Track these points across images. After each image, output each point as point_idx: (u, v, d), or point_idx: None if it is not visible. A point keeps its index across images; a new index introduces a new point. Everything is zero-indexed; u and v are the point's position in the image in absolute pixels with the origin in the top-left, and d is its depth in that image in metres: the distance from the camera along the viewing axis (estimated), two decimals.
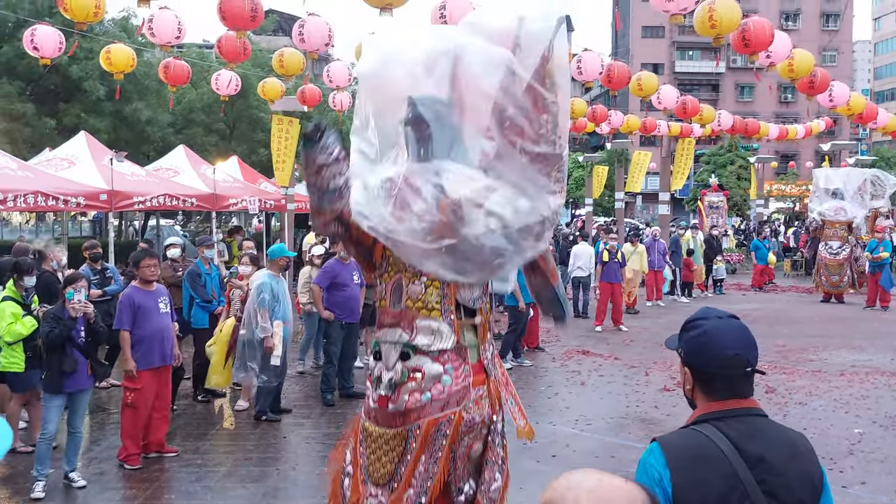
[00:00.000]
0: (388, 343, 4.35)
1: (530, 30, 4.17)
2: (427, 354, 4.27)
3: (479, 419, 4.35)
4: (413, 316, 4.31)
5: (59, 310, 6.45)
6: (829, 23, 63.58)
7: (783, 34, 11.57)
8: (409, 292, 4.34)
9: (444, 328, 4.31)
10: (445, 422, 4.24)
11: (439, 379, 4.26)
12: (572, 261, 15.83)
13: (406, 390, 4.23)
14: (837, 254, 19.32)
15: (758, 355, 2.31)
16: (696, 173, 41.75)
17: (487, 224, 4.01)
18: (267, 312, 8.33)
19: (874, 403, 9.24)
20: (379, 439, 4.30)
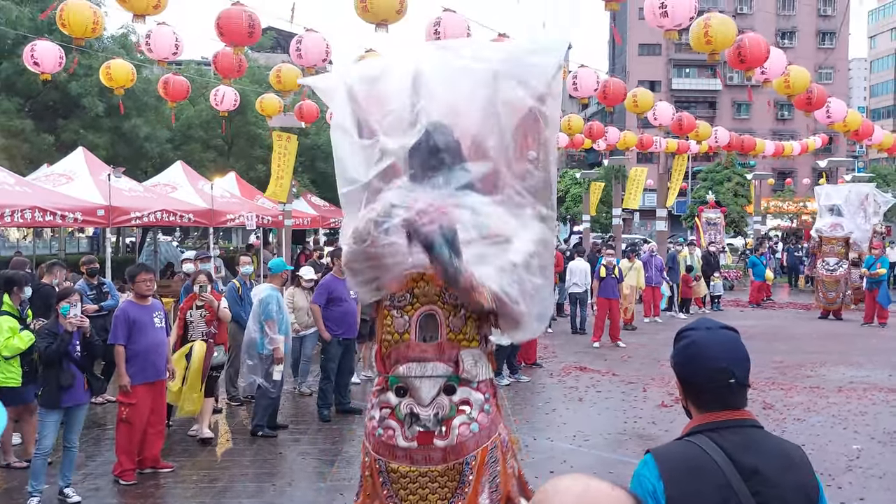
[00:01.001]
0: (420, 378, 4.26)
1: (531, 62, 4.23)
2: (469, 385, 4.28)
3: (507, 438, 4.47)
4: (456, 348, 4.30)
5: (53, 325, 6.43)
6: (824, 40, 63.90)
7: (778, 51, 11.63)
8: (451, 325, 4.31)
9: (483, 358, 4.36)
10: (494, 447, 4.28)
11: (483, 408, 4.28)
12: (568, 277, 15.84)
13: (456, 424, 4.20)
14: (834, 270, 19.31)
15: (748, 368, 2.28)
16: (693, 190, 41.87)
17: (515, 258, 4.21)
18: (275, 324, 8.33)
19: (872, 419, 9.21)
20: (421, 479, 4.20)
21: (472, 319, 4.32)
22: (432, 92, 4.32)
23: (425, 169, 4.26)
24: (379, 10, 8.31)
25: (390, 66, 4.61)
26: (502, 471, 4.31)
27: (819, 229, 19.99)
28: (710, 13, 9.55)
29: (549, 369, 12.30)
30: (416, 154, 4.28)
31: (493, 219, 4.21)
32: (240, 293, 10.04)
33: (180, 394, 7.97)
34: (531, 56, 4.35)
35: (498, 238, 4.20)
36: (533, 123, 4.25)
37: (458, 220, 4.12)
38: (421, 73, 4.34)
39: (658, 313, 18.16)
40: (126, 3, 8.28)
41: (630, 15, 56.87)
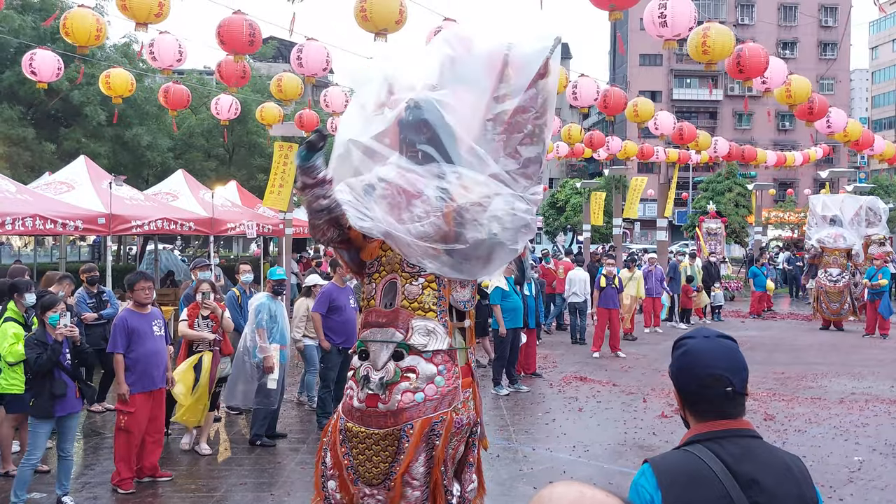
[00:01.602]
0: (377, 342, 4.37)
1: (524, 50, 4.32)
2: (421, 354, 4.31)
3: (466, 421, 4.41)
4: (409, 316, 4.36)
5: (41, 334, 6.39)
6: (826, 51, 64.04)
7: (779, 61, 11.65)
8: (406, 292, 4.39)
9: (439, 329, 4.36)
10: (438, 422, 4.27)
11: (433, 379, 4.29)
12: (567, 286, 15.81)
13: (399, 390, 4.25)
14: (837, 281, 19.26)
15: (746, 377, 2.26)
16: (694, 200, 41.90)
17: (490, 228, 4.16)
18: (265, 332, 8.31)
19: (874, 431, 9.18)
20: (367, 440, 4.31)
21: (429, 288, 4.36)
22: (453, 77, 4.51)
23: (408, 143, 4.36)
24: (378, 19, 8.33)
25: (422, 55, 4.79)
26: (440, 448, 4.28)
27: (821, 240, 19.88)
28: (708, 23, 9.57)
29: (549, 379, 12.27)
30: (403, 129, 4.40)
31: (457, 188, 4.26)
32: (239, 302, 10.04)
33: (189, 409, 7.93)
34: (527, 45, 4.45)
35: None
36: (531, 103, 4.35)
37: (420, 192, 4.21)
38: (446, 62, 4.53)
39: (658, 323, 18.13)
40: (128, 12, 8.31)
41: (631, 25, 57.02)
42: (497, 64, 4.40)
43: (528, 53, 4.35)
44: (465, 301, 4.53)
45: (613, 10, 7.45)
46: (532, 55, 4.34)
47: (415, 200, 4.20)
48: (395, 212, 4.20)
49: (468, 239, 4.16)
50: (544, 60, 4.31)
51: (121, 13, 8.41)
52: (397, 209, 4.20)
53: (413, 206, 4.20)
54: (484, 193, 4.21)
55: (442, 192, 4.20)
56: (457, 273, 4.31)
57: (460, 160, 4.35)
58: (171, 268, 21.54)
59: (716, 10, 60.27)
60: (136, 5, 8.26)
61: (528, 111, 4.35)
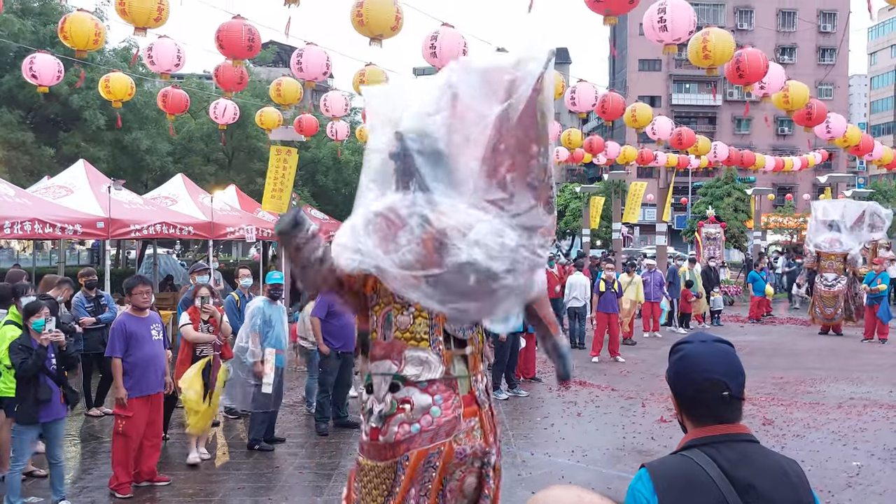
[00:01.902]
0: (378, 375, 4.35)
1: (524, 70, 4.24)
2: (416, 385, 4.25)
3: (471, 451, 4.31)
4: (402, 347, 4.31)
5: (25, 339, 6.35)
6: (824, 57, 64.17)
7: (777, 66, 11.66)
8: (398, 323, 4.34)
9: (432, 358, 4.30)
10: (435, 453, 4.21)
11: (428, 410, 4.23)
12: (567, 291, 15.80)
13: (395, 422, 4.20)
14: (832, 286, 19.23)
15: (742, 381, 2.26)
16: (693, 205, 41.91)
17: (470, 254, 3.96)
18: (258, 337, 8.30)
19: (872, 436, 9.17)
20: (370, 472, 4.28)
21: (421, 318, 4.32)
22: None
23: (401, 174, 4.31)
24: (374, 24, 8.34)
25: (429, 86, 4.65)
26: (434, 486, 4.22)
27: (818, 245, 19.86)
28: (708, 28, 9.59)
29: (548, 384, 12.26)
30: (396, 161, 4.35)
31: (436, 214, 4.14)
32: (238, 306, 10.04)
33: (203, 416, 7.88)
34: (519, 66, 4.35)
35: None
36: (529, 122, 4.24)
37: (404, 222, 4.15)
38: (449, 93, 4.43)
39: (657, 328, 18.13)
40: (127, 16, 8.32)
41: (630, 30, 57.15)
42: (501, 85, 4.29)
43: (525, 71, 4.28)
44: (464, 329, 4.43)
45: (609, 15, 7.47)
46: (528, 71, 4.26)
47: (400, 231, 4.16)
48: (383, 244, 4.14)
49: (445, 263, 4.00)
50: (538, 76, 4.23)
51: (120, 17, 8.42)
52: (385, 241, 4.14)
53: (399, 237, 4.15)
54: (463, 220, 4.10)
55: (421, 219, 4.13)
56: (441, 306, 4.15)
57: (451, 189, 4.25)
58: (170, 272, 21.55)
59: (714, 15, 60.39)
60: (135, 9, 8.27)
61: (528, 130, 4.26)
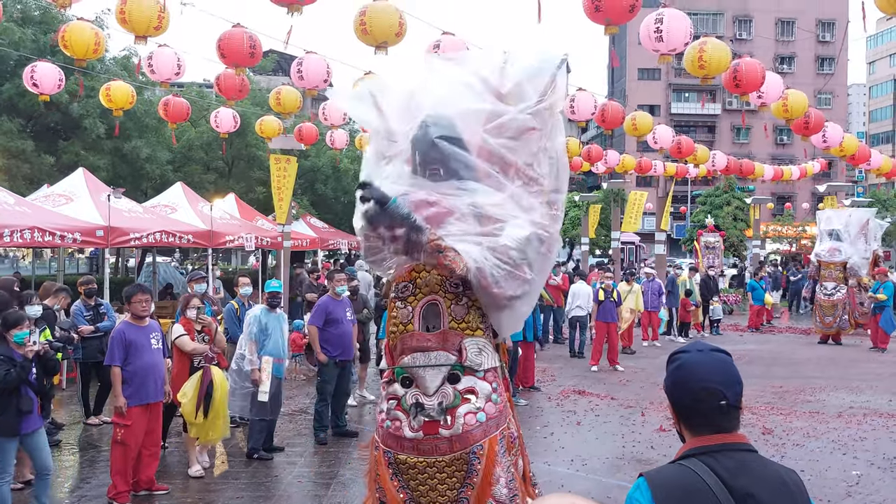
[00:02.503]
0: (424, 367, 4.25)
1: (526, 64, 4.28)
2: (475, 374, 4.24)
3: (516, 434, 4.41)
4: (459, 336, 4.28)
5: (7, 350, 6.27)
6: (823, 66, 64.32)
7: (775, 75, 11.69)
8: (453, 313, 4.29)
9: (489, 347, 4.33)
10: (502, 439, 4.23)
11: (490, 397, 4.25)
12: (570, 300, 15.79)
13: (461, 413, 4.16)
14: (832, 294, 19.26)
15: (740, 390, 2.26)
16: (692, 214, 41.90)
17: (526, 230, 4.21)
18: (254, 345, 8.28)
19: (872, 445, 9.16)
20: (429, 469, 4.17)
21: (474, 308, 4.31)
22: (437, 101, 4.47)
23: (427, 161, 4.32)
24: (378, 32, 8.36)
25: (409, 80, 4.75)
26: (516, 469, 4.26)
27: (818, 254, 19.96)
28: (705, 38, 9.61)
29: (547, 393, 12.25)
30: (417, 146, 4.36)
31: (489, 207, 4.21)
32: (238, 314, 10.03)
33: (203, 427, 7.81)
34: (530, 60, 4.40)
35: (495, 225, 4.22)
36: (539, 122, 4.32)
37: (454, 208, 4.16)
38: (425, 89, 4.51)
39: (656, 337, 18.12)
40: (127, 24, 8.34)
41: (629, 39, 57.26)
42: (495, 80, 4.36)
43: (530, 68, 4.31)
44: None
45: (609, 25, 7.48)
46: (536, 71, 4.29)
47: (449, 218, 4.17)
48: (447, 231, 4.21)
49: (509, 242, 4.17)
50: (551, 78, 4.27)
51: (120, 26, 8.44)
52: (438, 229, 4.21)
53: (448, 224, 4.17)
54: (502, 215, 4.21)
55: (473, 207, 4.19)
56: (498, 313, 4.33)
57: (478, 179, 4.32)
58: (170, 280, 21.53)
59: (714, 24, 60.58)
60: (135, 18, 8.29)
61: (536, 130, 4.31)
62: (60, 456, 8.68)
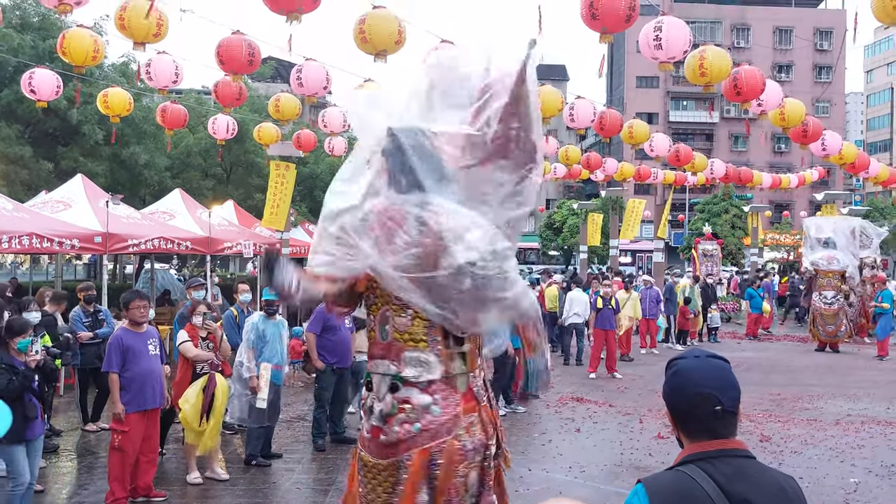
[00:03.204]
0: (377, 374, 4.42)
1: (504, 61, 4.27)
2: (415, 386, 4.30)
3: (472, 446, 4.33)
4: (400, 348, 4.35)
5: (8, 357, 6.24)
6: (821, 75, 64.50)
7: (774, 83, 11.73)
8: (396, 324, 4.37)
9: (431, 359, 4.33)
10: (437, 451, 4.24)
11: (428, 409, 4.27)
12: (568, 307, 15.79)
13: (396, 421, 4.26)
14: (832, 303, 19.26)
15: (736, 396, 2.25)
16: (690, 222, 41.98)
17: (467, 257, 4.05)
18: (252, 353, 8.27)
19: (870, 453, 9.17)
20: (373, 469, 4.35)
21: (419, 319, 4.32)
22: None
23: (399, 172, 4.33)
24: (377, 40, 8.39)
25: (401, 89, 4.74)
26: (441, 478, 4.25)
27: (815, 263, 19.92)
28: (705, 46, 9.65)
29: (546, 400, 12.24)
30: (389, 158, 4.37)
31: (433, 216, 4.18)
32: (237, 321, 10.01)
33: (202, 434, 7.75)
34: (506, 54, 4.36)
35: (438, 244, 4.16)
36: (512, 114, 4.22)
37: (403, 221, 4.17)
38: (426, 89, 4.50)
39: (655, 345, 18.12)
40: (126, 31, 8.36)
41: (628, 47, 57.41)
42: (478, 82, 4.33)
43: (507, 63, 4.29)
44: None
45: (605, 33, 7.52)
46: (510, 64, 4.27)
47: (397, 231, 4.20)
48: (380, 245, 4.20)
49: (443, 265, 4.08)
50: (521, 66, 4.24)
51: (119, 32, 8.46)
52: (382, 242, 4.20)
53: (396, 238, 4.19)
54: (460, 223, 4.15)
55: (417, 222, 4.18)
56: (438, 310, 4.19)
57: (445, 188, 4.28)
58: (168, 287, 21.51)
59: (712, 32, 60.76)
60: (134, 25, 8.31)
61: (512, 124, 4.28)
62: (58, 462, 8.67)
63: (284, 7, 7.61)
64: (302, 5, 7.66)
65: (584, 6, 7.60)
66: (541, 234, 50.17)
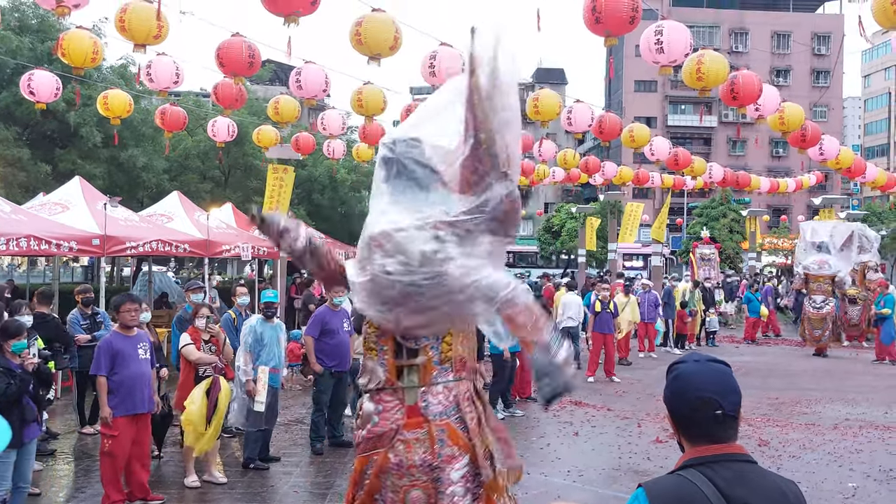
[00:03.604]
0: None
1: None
2: (367, 393, 4.43)
3: (409, 464, 4.18)
4: (364, 355, 4.54)
5: (4, 361, 6.18)
6: (819, 79, 64.56)
7: (772, 88, 11.75)
8: (365, 334, 4.52)
9: (378, 369, 4.38)
10: (371, 461, 4.29)
11: (370, 418, 4.32)
12: (561, 311, 15.76)
13: (356, 426, 4.51)
14: (821, 308, 19.11)
15: (737, 400, 2.25)
16: (688, 226, 41.99)
17: (383, 264, 4.06)
18: (250, 356, 8.24)
19: (868, 457, 9.16)
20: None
21: (372, 328, 4.41)
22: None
23: (398, 183, 4.30)
24: (373, 43, 8.39)
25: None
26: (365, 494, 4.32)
27: (806, 267, 19.76)
28: (703, 51, 9.67)
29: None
30: (387, 169, 4.33)
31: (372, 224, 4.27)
32: (235, 324, 9.99)
33: (202, 437, 7.70)
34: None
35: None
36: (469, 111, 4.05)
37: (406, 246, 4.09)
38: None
39: (653, 349, 18.12)
40: (126, 33, 8.35)
41: (626, 52, 57.43)
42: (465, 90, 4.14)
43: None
44: (416, 338, 4.29)
45: (609, 36, 7.52)
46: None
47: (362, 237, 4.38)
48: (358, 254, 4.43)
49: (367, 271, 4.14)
50: (468, 58, 4.01)
51: (119, 34, 8.45)
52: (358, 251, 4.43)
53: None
54: (383, 229, 4.12)
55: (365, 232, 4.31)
56: (375, 316, 4.26)
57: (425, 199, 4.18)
58: (165, 290, 21.48)
59: (710, 37, 60.79)
60: (134, 27, 8.30)
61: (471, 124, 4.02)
62: (55, 465, 8.64)
63: (282, 10, 7.61)
64: (300, 7, 7.66)
65: (587, 10, 7.60)
66: (539, 237, 50.17)
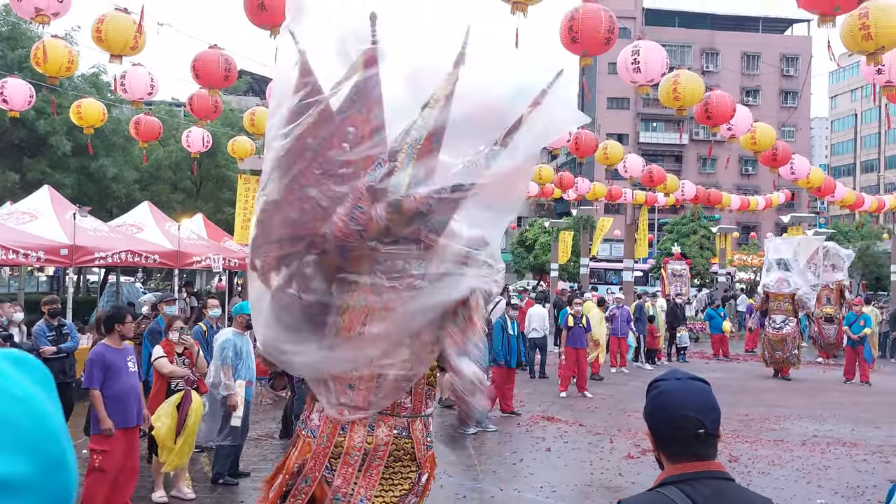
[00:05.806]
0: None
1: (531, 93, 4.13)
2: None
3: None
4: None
5: None
6: (787, 100, 65.68)
7: (744, 108, 11.92)
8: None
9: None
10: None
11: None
12: (527, 322, 15.91)
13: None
14: (780, 328, 18.05)
15: (718, 418, 2.26)
16: (659, 242, 42.34)
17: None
18: (230, 370, 8.16)
19: (836, 473, 9.26)
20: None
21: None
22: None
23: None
24: None
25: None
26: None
27: (766, 285, 18.85)
28: (678, 70, 9.79)
29: (516, 419, 12.23)
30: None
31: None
32: (206, 337, 9.88)
33: (172, 451, 7.58)
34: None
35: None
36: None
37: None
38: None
39: (624, 363, 18.21)
40: (103, 44, 8.28)
41: (599, 68, 57.96)
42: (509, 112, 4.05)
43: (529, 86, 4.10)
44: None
45: (585, 56, 7.58)
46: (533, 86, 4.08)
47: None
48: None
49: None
50: (542, 91, 4.04)
51: (96, 45, 8.37)
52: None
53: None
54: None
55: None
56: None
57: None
58: (132, 300, 21.23)
59: (682, 56, 61.60)
60: (111, 37, 8.23)
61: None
62: None
63: (267, 22, 7.59)
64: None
65: (564, 29, 7.66)
66: (512, 250, 50.32)
